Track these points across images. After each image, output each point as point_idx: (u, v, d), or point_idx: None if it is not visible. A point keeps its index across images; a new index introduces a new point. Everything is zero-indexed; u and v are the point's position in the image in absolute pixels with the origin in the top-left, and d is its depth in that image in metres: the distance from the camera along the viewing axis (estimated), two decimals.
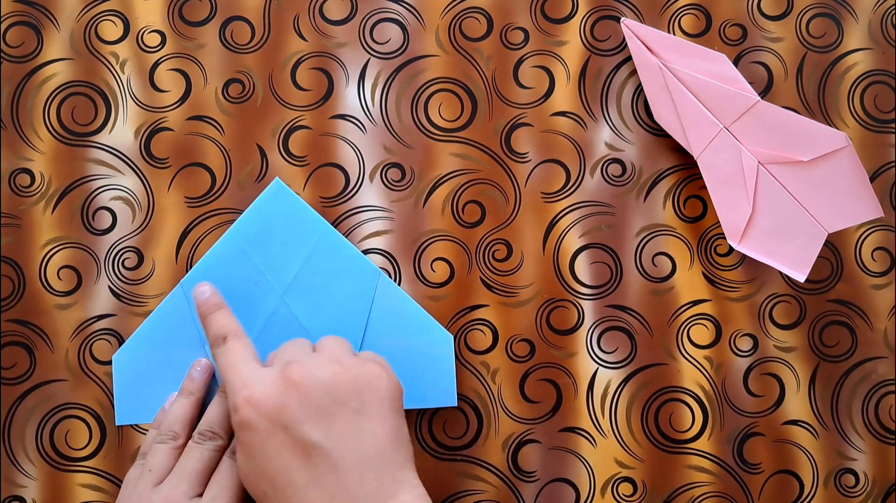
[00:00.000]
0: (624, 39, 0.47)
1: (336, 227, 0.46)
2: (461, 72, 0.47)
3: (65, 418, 0.45)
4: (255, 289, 0.44)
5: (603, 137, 0.47)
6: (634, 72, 0.47)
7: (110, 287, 0.45)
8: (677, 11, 0.47)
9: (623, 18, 0.47)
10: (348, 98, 0.47)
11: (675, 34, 0.47)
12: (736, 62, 0.47)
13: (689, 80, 0.44)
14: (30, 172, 0.46)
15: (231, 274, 0.44)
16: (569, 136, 0.47)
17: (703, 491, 0.46)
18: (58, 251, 0.46)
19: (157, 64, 0.47)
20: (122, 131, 0.46)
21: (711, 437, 0.46)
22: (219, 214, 0.46)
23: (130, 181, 0.46)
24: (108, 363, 0.45)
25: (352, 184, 0.46)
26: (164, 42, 0.47)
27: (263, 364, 0.39)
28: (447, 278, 0.46)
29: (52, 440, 0.45)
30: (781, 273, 0.46)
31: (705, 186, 0.45)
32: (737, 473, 0.46)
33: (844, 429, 0.46)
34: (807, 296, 0.46)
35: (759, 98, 0.43)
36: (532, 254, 0.46)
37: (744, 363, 0.46)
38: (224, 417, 0.41)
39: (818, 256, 0.45)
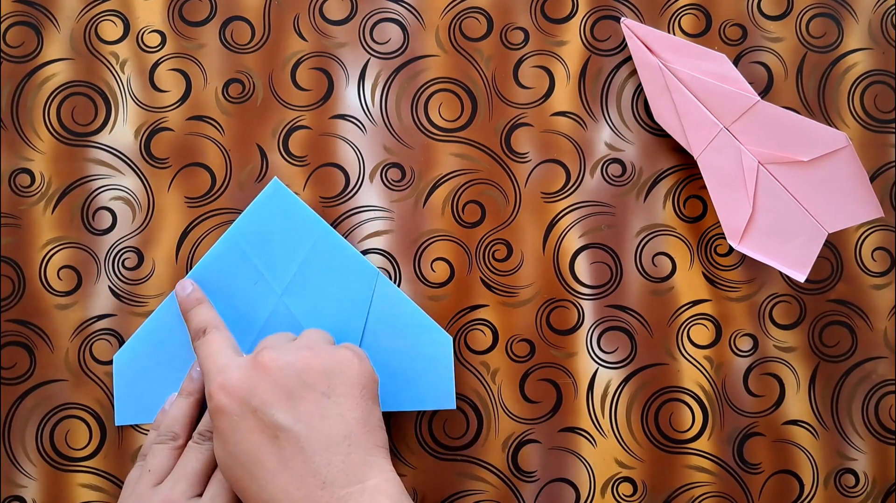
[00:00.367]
0: (624, 39, 0.47)
1: (336, 227, 0.46)
2: (461, 72, 0.47)
3: (65, 418, 0.45)
4: (254, 289, 0.44)
5: (603, 137, 0.47)
6: (634, 72, 0.47)
7: (110, 287, 0.45)
8: (677, 11, 0.47)
9: (623, 18, 0.47)
10: (348, 98, 0.47)
11: (675, 34, 0.47)
12: (736, 62, 0.47)
13: (689, 80, 0.44)
14: (30, 172, 0.46)
15: (230, 274, 0.44)
16: (569, 136, 0.47)
17: (703, 491, 0.46)
18: (58, 251, 0.46)
19: (157, 64, 0.47)
20: (122, 131, 0.46)
21: (711, 437, 0.46)
22: (219, 214, 0.46)
23: (130, 181, 0.46)
24: (108, 363, 0.45)
25: (352, 184, 0.46)
26: (164, 42, 0.47)
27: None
28: (447, 278, 0.46)
29: (52, 440, 0.45)
30: (781, 273, 0.46)
31: (705, 186, 0.45)
32: (737, 473, 0.46)
33: (844, 429, 0.46)
34: (807, 296, 0.46)
35: (759, 98, 0.43)
36: (532, 254, 0.46)
37: (744, 363, 0.46)
38: None
39: (818, 256, 0.45)
